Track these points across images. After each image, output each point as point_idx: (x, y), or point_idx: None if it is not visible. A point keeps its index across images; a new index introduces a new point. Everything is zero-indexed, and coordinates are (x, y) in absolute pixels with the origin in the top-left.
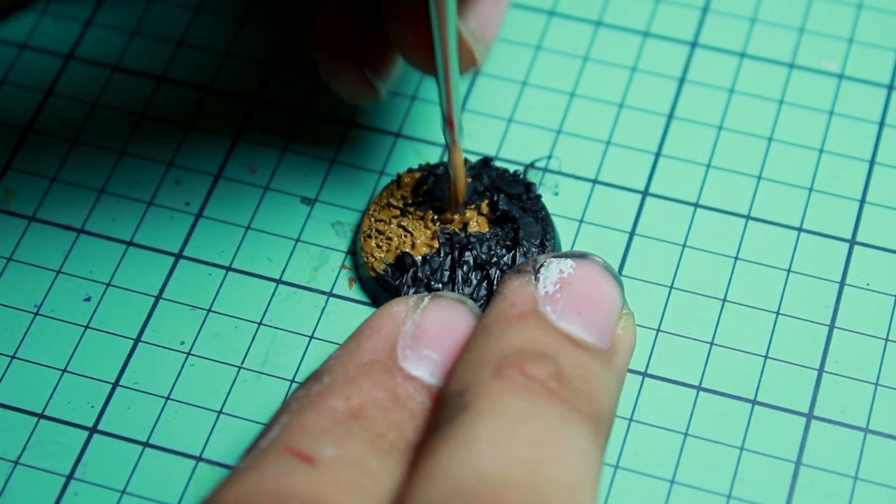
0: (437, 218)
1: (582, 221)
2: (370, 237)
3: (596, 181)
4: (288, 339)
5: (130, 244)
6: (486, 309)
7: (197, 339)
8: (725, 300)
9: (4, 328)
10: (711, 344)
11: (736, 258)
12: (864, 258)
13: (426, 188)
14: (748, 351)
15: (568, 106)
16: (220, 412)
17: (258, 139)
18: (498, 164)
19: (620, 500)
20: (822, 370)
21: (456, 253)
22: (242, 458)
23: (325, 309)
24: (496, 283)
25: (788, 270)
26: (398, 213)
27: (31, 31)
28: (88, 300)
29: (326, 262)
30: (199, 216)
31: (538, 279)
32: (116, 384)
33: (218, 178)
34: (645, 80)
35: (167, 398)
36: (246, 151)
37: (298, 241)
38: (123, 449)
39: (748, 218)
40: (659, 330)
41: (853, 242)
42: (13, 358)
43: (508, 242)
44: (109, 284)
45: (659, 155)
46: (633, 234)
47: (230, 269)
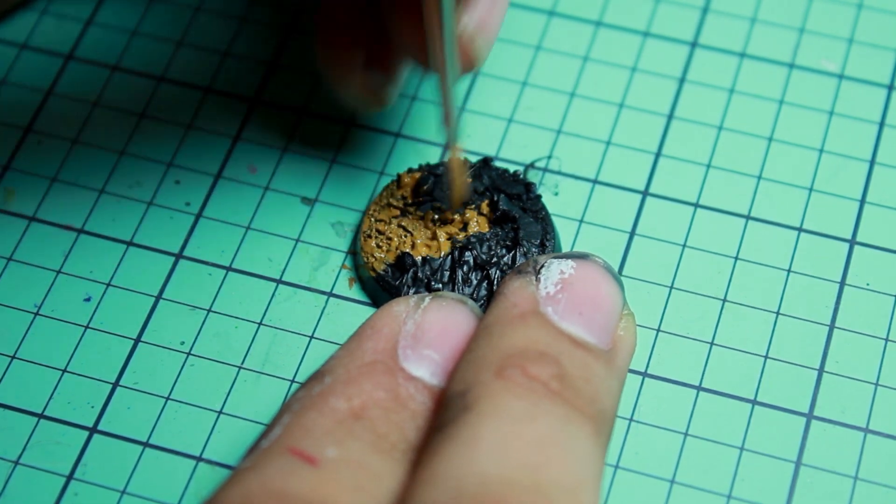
0: (437, 218)
1: (582, 221)
2: (370, 237)
3: (596, 181)
4: (288, 339)
5: (130, 244)
6: (487, 309)
7: (197, 339)
8: (725, 300)
9: (4, 328)
10: (711, 344)
11: (736, 258)
12: (864, 258)
13: (426, 188)
14: (748, 351)
15: (568, 106)
16: (220, 412)
17: (258, 139)
18: (498, 164)
19: (620, 500)
20: (822, 370)
21: (456, 253)
22: (244, 458)
23: (325, 309)
24: (496, 283)
25: (788, 270)
26: (398, 213)
27: (31, 31)
28: (88, 300)
29: (326, 262)
30: (199, 216)
31: (539, 280)
32: (116, 384)
33: (218, 178)
34: (645, 80)
35: (167, 398)
36: (246, 151)
37: (298, 241)
38: (123, 449)
39: (748, 218)
40: (659, 330)
41: (853, 242)
42: (13, 358)
43: (508, 242)
44: (109, 284)
45: (659, 155)
46: (633, 234)
47: (230, 269)
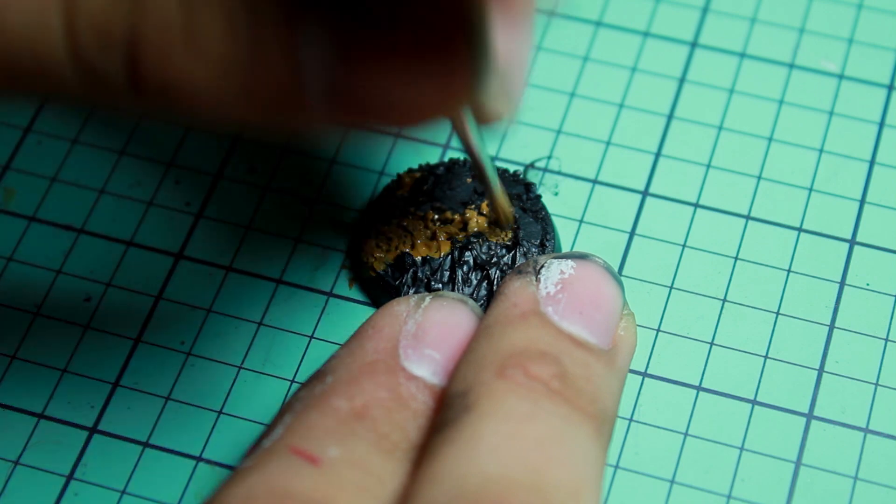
0: (437, 218)
1: (582, 221)
2: (370, 237)
3: (596, 181)
4: (288, 339)
5: (130, 244)
6: (487, 310)
7: (197, 339)
8: (725, 300)
9: (4, 328)
10: (711, 344)
11: (736, 258)
12: (864, 258)
13: (426, 188)
14: (748, 351)
15: (568, 106)
16: (220, 412)
17: (258, 139)
18: (498, 164)
19: (620, 500)
20: (822, 370)
21: (456, 253)
22: (245, 457)
23: (325, 309)
24: (496, 283)
25: (788, 270)
26: (398, 213)
27: None
28: (88, 300)
29: (326, 262)
30: (199, 216)
31: (539, 280)
32: (116, 384)
33: (218, 178)
34: (645, 80)
35: (167, 398)
36: (246, 151)
37: (298, 241)
38: (123, 449)
39: (748, 218)
40: (659, 330)
41: (853, 242)
42: (13, 358)
43: (508, 242)
44: (109, 284)
45: (659, 155)
46: (633, 234)
47: (230, 269)
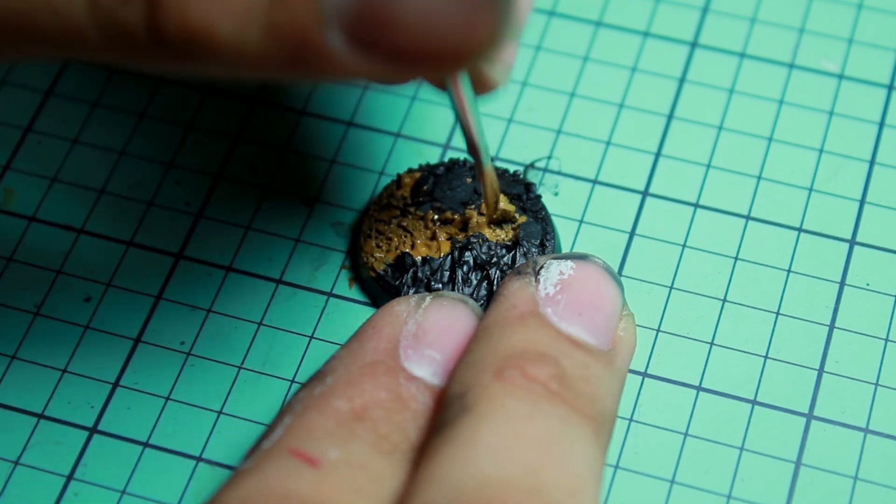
0: (437, 218)
1: (582, 221)
2: (370, 237)
3: (596, 181)
4: (288, 339)
5: (130, 244)
6: (486, 310)
7: (197, 339)
8: (725, 300)
9: (4, 328)
10: (711, 344)
11: (736, 258)
12: (864, 258)
13: (426, 188)
14: (748, 351)
15: (568, 106)
16: (220, 412)
17: (258, 139)
18: (498, 164)
19: (620, 500)
20: (822, 370)
21: (456, 253)
22: (245, 459)
23: (325, 309)
24: (496, 283)
25: (788, 270)
26: (398, 213)
27: None
28: (88, 300)
29: (326, 262)
30: (199, 216)
31: (538, 281)
32: (116, 384)
33: (218, 178)
34: (645, 80)
35: (167, 398)
36: (246, 151)
37: (298, 241)
38: (123, 449)
39: (748, 218)
40: (659, 330)
41: (853, 242)
42: (13, 358)
43: (508, 242)
44: (109, 284)
45: (659, 155)
46: (633, 234)
47: (230, 269)
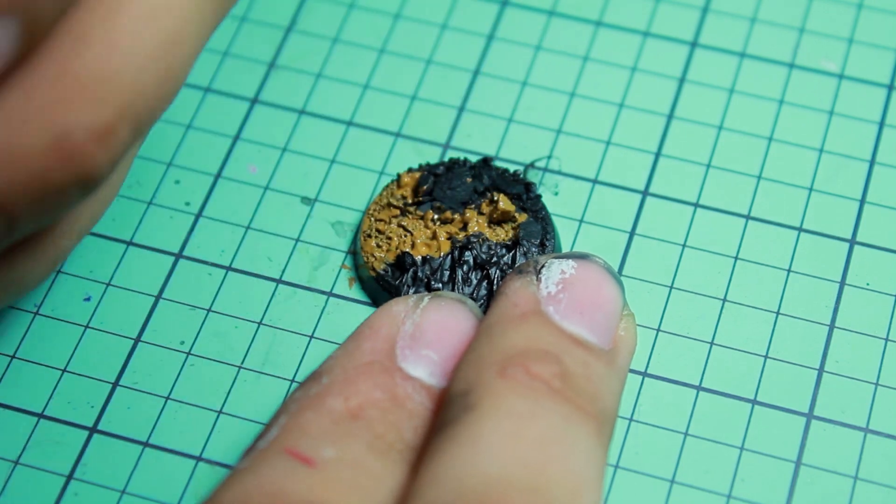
0: (436, 218)
1: (582, 221)
2: (370, 237)
3: (596, 181)
4: (288, 339)
5: (130, 244)
6: (488, 309)
7: (197, 339)
8: (725, 300)
9: (4, 328)
10: (711, 344)
11: (736, 258)
12: (864, 258)
13: (426, 188)
14: (748, 351)
15: (568, 106)
16: (220, 412)
17: (258, 139)
18: (498, 164)
19: (620, 500)
20: (822, 370)
21: (456, 253)
22: (241, 459)
23: (325, 309)
24: (496, 283)
25: (788, 270)
26: (398, 212)
27: None
28: (88, 300)
29: (326, 262)
30: (199, 216)
31: (540, 279)
32: (116, 384)
33: (218, 178)
34: (645, 80)
35: (167, 398)
36: (246, 151)
37: (298, 241)
38: (123, 449)
39: (748, 218)
40: (659, 330)
41: (853, 242)
42: (13, 358)
43: (508, 242)
44: (109, 284)
45: (659, 155)
46: (633, 234)
47: (230, 269)
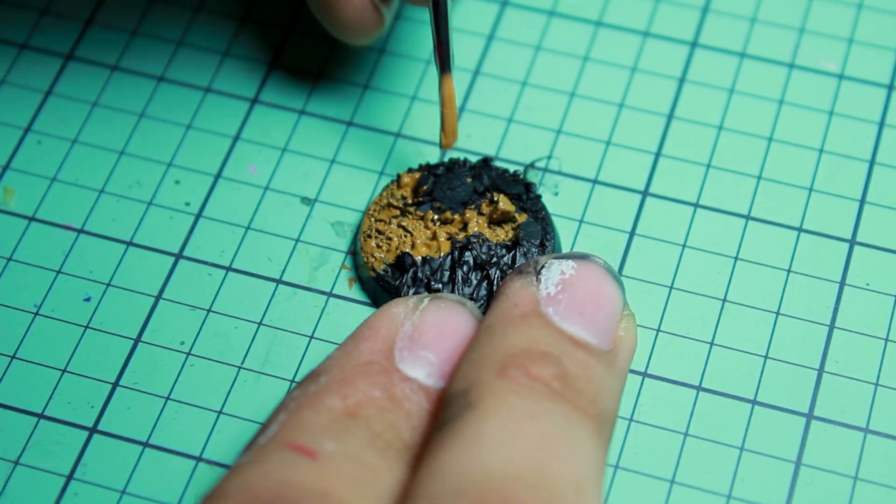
0: (437, 218)
1: (582, 221)
2: (370, 237)
3: (596, 181)
4: (288, 339)
5: (130, 244)
6: (487, 310)
7: (197, 339)
8: (725, 300)
9: (4, 328)
10: (711, 344)
11: (736, 258)
12: (864, 258)
13: (426, 188)
14: (748, 351)
15: (568, 106)
16: (220, 412)
17: (258, 139)
18: (498, 164)
19: (620, 500)
20: (822, 370)
21: (456, 253)
22: (241, 454)
23: (325, 309)
24: (496, 283)
25: (788, 270)
26: (398, 213)
27: (31, 31)
28: (88, 300)
29: (326, 262)
30: (199, 216)
31: (540, 280)
32: (116, 384)
33: (218, 178)
34: (645, 80)
35: (167, 398)
36: (246, 151)
37: (298, 241)
38: (123, 449)
39: (748, 218)
40: (659, 330)
41: (853, 242)
42: (13, 358)
43: (508, 242)
44: (109, 284)
45: (659, 155)
46: (633, 234)
47: (230, 269)
